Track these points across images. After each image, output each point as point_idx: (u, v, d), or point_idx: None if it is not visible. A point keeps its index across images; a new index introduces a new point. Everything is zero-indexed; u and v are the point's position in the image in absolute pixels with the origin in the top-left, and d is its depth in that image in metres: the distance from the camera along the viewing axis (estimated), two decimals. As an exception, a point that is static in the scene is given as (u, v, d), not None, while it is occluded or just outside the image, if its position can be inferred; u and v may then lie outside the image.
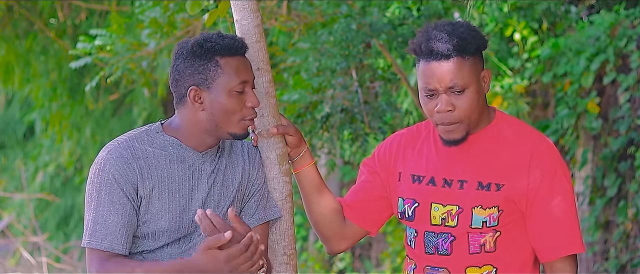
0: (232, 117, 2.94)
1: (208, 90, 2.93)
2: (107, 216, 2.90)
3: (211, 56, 2.92)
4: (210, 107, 2.94)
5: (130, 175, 2.92)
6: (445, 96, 2.95)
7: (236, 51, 2.94)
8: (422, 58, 2.97)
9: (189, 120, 2.97)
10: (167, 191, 2.95)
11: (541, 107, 7.43)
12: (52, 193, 12.17)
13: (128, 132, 3.02)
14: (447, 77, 2.93)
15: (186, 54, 2.94)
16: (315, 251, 10.30)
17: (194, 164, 2.99)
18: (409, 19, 5.68)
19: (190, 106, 2.96)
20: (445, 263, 3.04)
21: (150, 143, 2.98)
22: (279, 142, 3.12)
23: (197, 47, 2.93)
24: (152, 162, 2.95)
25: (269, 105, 3.10)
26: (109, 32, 5.77)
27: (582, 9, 7.57)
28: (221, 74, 2.92)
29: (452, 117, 2.96)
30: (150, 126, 3.03)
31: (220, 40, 2.93)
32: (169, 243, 2.98)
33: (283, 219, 3.14)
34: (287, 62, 5.97)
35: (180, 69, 2.95)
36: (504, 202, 2.99)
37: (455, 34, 2.93)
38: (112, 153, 2.93)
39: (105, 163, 2.92)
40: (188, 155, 2.98)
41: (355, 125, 5.40)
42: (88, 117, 10.50)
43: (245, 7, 3.09)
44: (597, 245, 6.70)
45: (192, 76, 2.93)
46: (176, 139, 2.99)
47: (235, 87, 2.92)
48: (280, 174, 3.12)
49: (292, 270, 3.13)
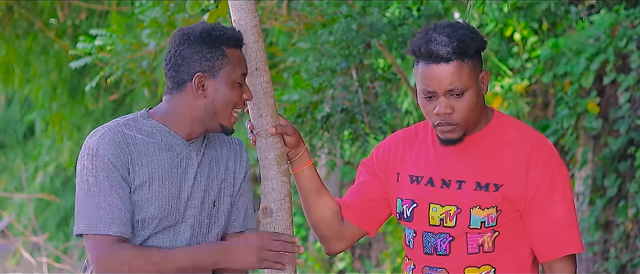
0: (229, 108, 2.95)
1: (213, 78, 2.93)
2: (110, 200, 2.86)
3: (219, 45, 2.93)
4: (213, 95, 2.94)
5: (124, 159, 2.89)
6: (444, 99, 2.95)
7: (240, 43, 2.98)
8: (421, 60, 2.96)
9: (185, 106, 2.96)
10: (157, 178, 2.93)
11: (541, 107, 7.43)
12: (52, 193, 12.18)
13: (114, 119, 3.00)
14: (447, 80, 2.93)
15: (193, 39, 2.93)
16: (315, 251, 10.31)
17: (182, 153, 2.98)
18: (409, 19, 5.68)
19: (190, 93, 2.94)
20: (443, 263, 3.04)
21: (138, 130, 2.96)
22: (277, 142, 3.12)
23: (206, 34, 2.93)
24: (142, 148, 2.93)
25: (268, 105, 3.10)
26: (109, 32, 5.77)
27: (582, 9, 7.57)
28: (227, 64, 2.93)
29: (450, 119, 2.96)
30: (137, 113, 3.01)
31: (226, 31, 2.95)
32: (156, 232, 2.96)
33: (282, 219, 3.14)
34: (287, 62, 5.97)
35: (186, 54, 2.93)
36: (502, 203, 2.99)
37: (455, 36, 2.93)
38: (103, 137, 2.89)
39: (98, 148, 2.88)
40: (176, 143, 2.97)
41: (355, 125, 5.40)
42: (88, 117, 10.50)
43: (243, 7, 3.09)
44: (597, 245, 6.70)
45: (199, 62, 2.93)
46: (163, 125, 2.98)
47: (237, 79, 2.95)
48: (279, 175, 3.12)
49: (291, 270, 3.13)
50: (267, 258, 2.89)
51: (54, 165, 12.13)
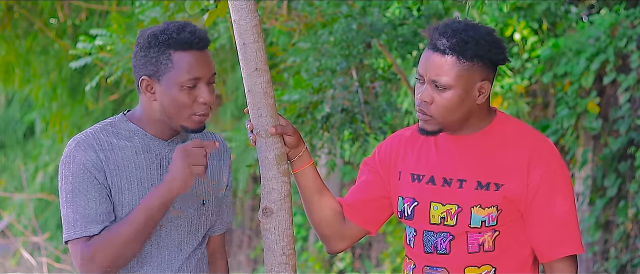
0: (183, 111, 2.93)
1: (158, 82, 2.93)
2: (84, 203, 2.90)
3: (164, 49, 2.91)
4: (160, 98, 2.94)
5: (99, 164, 2.91)
6: (428, 87, 2.98)
7: (191, 46, 2.92)
8: (428, 45, 2.99)
9: (146, 109, 2.99)
10: (135, 181, 2.95)
11: (541, 107, 7.44)
12: (52, 193, 12.17)
13: (94, 125, 3.02)
14: (434, 70, 2.95)
15: (142, 42, 2.94)
16: (315, 251, 10.31)
17: (161, 153, 3.00)
18: (409, 19, 5.68)
19: (143, 95, 2.97)
20: (444, 262, 3.04)
21: (116, 134, 2.98)
22: (277, 142, 3.12)
23: (152, 38, 2.92)
24: (118, 153, 2.95)
25: (268, 105, 3.10)
26: (109, 32, 5.77)
27: (582, 9, 7.57)
28: (171, 68, 2.91)
29: (427, 109, 2.98)
30: (115, 117, 3.03)
31: (176, 34, 2.91)
32: None
33: (282, 219, 3.14)
34: (287, 62, 5.97)
35: (138, 57, 2.95)
36: (503, 202, 2.99)
37: (460, 35, 2.93)
38: (80, 144, 2.93)
39: (75, 154, 2.91)
40: (153, 144, 2.99)
41: (355, 125, 5.39)
42: (88, 117, 10.50)
43: (243, 7, 3.09)
44: (597, 245, 6.70)
45: (145, 66, 2.93)
46: (140, 128, 2.99)
47: (185, 83, 2.91)
48: (279, 174, 3.12)
49: (291, 270, 3.13)
50: (194, 162, 2.87)
51: (54, 165, 12.12)
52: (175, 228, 3.03)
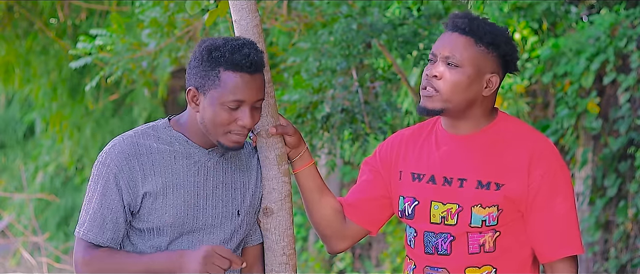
0: (219, 129, 2.94)
1: (204, 95, 2.94)
2: (97, 208, 2.95)
3: (215, 65, 2.92)
4: (202, 111, 2.95)
5: (129, 171, 2.94)
6: (440, 63, 2.99)
7: (242, 68, 2.91)
8: (447, 28, 3.02)
9: (190, 117, 3.01)
10: (171, 186, 2.97)
11: (541, 107, 7.43)
12: (52, 193, 12.18)
13: (137, 127, 3.06)
14: (450, 47, 2.98)
15: (198, 54, 2.96)
16: (315, 251, 10.31)
17: (200, 161, 3.01)
18: (409, 19, 5.68)
19: (191, 105, 2.99)
20: (444, 263, 3.04)
21: (156, 139, 3.00)
22: (277, 142, 3.12)
23: (206, 52, 2.93)
24: (157, 157, 2.97)
25: (268, 105, 3.10)
26: (109, 32, 5.77)
27: (582, 9, 7.57)
28: (218, 86, 2.91)
29: (436, 83, 2.98)
30: (158, 122, 3.06)
31: (229, 53, 2.90)
32: (175, 239, 2.99)
33: (282, 219, 3.14)
34: (287, 62, 5.97)
35: (190, 66, 2.98)
36: (504, 202, 2.99)
37: (481, 22, 2.99)
38: (115, 148, 2.97)
39: (107, 157, 2.96)
40: (194, 151, 3.01)
41: (355, 125, 5.39)
42: (88, 117, 10.51)
43: (244, 7, 3.09)
44: (597, 245, 6.70)
45: (195, 77, 2.95)
46: (183, 134, 3.01)
47: (228, 103, 2.91)
48: (279, 174, 3.12)
49: (292, 270, 3.13)
50: (213, 268, 2.88)
51: (54, 165, 12.14)
52: (208, 236, 3.03)
